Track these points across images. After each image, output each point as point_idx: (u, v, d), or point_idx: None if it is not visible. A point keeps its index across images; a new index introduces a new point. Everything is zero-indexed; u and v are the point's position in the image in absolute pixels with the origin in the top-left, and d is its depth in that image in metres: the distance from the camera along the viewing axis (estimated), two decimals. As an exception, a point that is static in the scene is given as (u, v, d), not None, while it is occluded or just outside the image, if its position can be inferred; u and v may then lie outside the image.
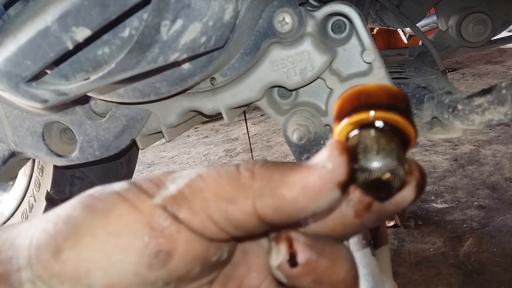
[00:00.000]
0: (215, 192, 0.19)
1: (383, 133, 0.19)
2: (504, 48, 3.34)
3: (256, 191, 0.19)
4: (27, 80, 0.43)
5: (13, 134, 0.67)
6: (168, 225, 0.19)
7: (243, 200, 0.19)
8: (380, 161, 0.19)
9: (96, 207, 0.19)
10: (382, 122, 0.19)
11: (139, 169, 2.29)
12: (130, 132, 0.60)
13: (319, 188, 0.18)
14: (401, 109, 0.19)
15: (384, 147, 0.19)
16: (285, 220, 0.19)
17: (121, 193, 0.20)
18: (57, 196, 0.95)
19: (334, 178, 0.18)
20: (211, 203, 0.19)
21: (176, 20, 0.39)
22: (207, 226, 0.19)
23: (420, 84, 0.56)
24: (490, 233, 1.16)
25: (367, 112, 0.19)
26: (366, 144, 0.19)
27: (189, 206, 0.19)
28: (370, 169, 0.19)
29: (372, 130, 0.19)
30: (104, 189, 0.20)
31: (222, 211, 0.19)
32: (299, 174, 0.19)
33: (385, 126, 0.19)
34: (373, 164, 0.19)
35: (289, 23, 0.48)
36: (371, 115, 0.19)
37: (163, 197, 0.19)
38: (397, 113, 0.19)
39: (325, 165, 0.18)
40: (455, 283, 1.00)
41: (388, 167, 0.19)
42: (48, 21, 0.39)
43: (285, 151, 2.12)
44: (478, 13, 0.93)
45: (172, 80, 0.48)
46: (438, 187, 1.47)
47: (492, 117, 0.44)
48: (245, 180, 0.19)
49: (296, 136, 0.53)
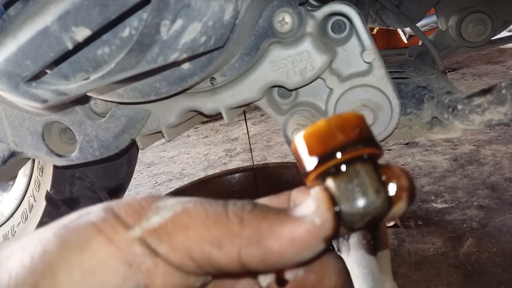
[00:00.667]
0: (200, 233, 0.19)
1: (354, 172, 0.19)
2: (504, 48, 3.34)
3: (243, 240, 0.19)
4: (27, 80, 0.43)
5: (13, 134, 0.67)
6: (145, 259, 0.18)
7: (229, 247, 0.19)
8: (362, 205, 0.19)
9: (71, 241, 0.19)
10: (345, 165, 0.19)
11: (139, 169, 2.29)
12: (130, 132, 0.60)
13: (306, 242, 0.19)
14: (359, 138, 0.19)
15: (361, 188, 0.19)
16: (268, 268, 0.19)
17: (97, 224, 0.19)
18: (57, 196, 0.95)
19: (322, 233, 0.19)
20: (195, 243, 0.19)
21: (176, 20, 0.39)
22: (185, 262, 0.19)
23: (420, 84, 0.56)
24: (490, 233, 1.16)
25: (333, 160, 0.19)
26: (344, 190, 0.19)
27: (170, 241, 0.19)
28: (355, 216, 0.19)
29: (344, 175, 0.19)
30: (80, 218, 0.20)
31: (206, 253, 0.19)
32: (287, 227, 0.19)
33: (351, 165, 0.19)
34: (357, 211, 0.19)
35: (289, 23, 0.48)
36: (338, 161, 0.19)
37: (144, 229, 0.19)
38: (359, 146, 0.19)
39: (313, 220, 0.19)
40: (455, 283, 1.00)
41: (371, 209, 0.19)
42: (48, 21, 0.39)
43: (285, 151, 2.12)
44: (478, 13, 0.93)
45: (172, 80, 0.48)
46: (438, 187, 1.47)
47: (492, 117, 0.44)
48: (233, 226, 0.19)
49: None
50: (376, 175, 0.19)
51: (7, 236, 1.05)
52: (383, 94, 0.51)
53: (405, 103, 0.55)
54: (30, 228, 0.99)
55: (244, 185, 1.24)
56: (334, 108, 0.53)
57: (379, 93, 0.51)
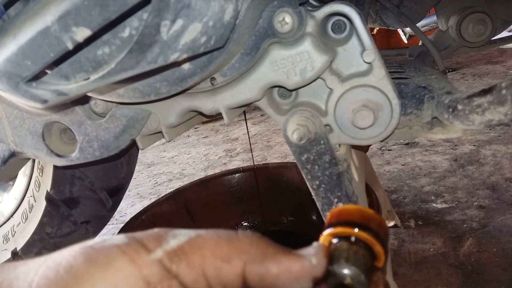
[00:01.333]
0: (213, 251, 0.22)
1: (353, 246, 0.24)
2: (504, 48, 3.34)
3: (250, 256, 0.22)
4: (27, 80, 0.43)
5: (13, 134, 0.67)
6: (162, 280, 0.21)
7: (237, 261, 0.22)
8: (345, 268, 0.23)
9: (97, 259, 0.21)
10: (354, 237, 0.24)
11: (139, 169, 2.29)
12: (130, 132, 0.60)
13: (299, 275, 0.22)
14: (373, 230, 0.25)
15: (350, 258, 0.23)
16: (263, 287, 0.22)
17: (121, 247, 0.21)
18: (57, 196, 0.95)
19: (313, 272, 0.23)
20: (208, 260, 0.22)
21: (176, 20, 0.39)
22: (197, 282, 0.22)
23: (420, 84, 0.56)
24: (490, 233, 1.16)
25: (345, 228, 0.25)
26: (340, 253, 0.24)
27: (187, 260, 0.21)
28: (337, 274, 0.23)
29: (346, 243, 0.24)
30: (105, 241, 0.22)
31: (217, 268, 0.22)
32: (288, 257, 0.23)
33: (356, 241, 0.24)
34: (340, 270, 0.23)
35: (289, 23, 0.48)
36: (347, 231, 0.25)
37: (165, 250, 0.22)
38: (368, 233, 0.24)
39: (311, 260, 0.23)
40: (455, 283, 1.00)
41: (351, 274, 0.23)
42: (48, 21, 0.38)
43: (285, 151, 2.11)
44: (478, 13, 0.93)
45: (172, 80, 0.48)
46: (438, 187, 1.47)
47: (492, 117, 0.44)
48: (243, 245, 0.22)
49: (296, 136, 0.53)
50: (368, 261, 0.24)
51: (7, 236, 1.05)
52: (383, 94, 0.51)
53: (405, 103, 0.55)
54: (30, 228, 0.99)
55: (244, 185, 1.24)
56: (334, 108, 0.53)
57: (379, 93, 0.51)
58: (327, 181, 0.55)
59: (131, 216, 1.08)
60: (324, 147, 0.54)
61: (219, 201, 1.21)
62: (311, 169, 0.55)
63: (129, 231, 1.08)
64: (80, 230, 0.99)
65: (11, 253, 0.99)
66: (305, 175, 0.56)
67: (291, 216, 1.21)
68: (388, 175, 1.63)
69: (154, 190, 1.97)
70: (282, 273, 0.22)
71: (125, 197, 1.30)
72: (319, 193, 0.56)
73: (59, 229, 0.97)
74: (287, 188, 1.20)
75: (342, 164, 0.54)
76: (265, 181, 1.23)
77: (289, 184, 1.20)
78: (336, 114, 0.53)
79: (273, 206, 1.22)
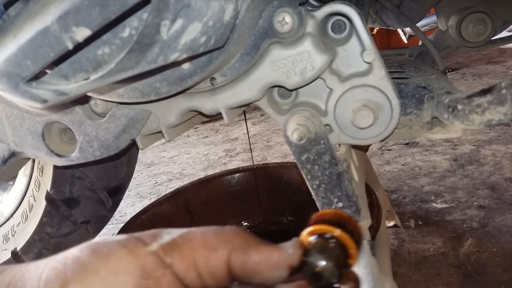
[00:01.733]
0: (202, 242, 0.25)
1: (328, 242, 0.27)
2: (504, 48, 3.34)
3: (234, 245, 0.25)
4: (27, 80, 0.43)
5: (13, 134, 0.67)
6: (156, 268, 0.24)
7: (223, 250, 0.25)
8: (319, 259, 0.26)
9: (100, 251, 0.24)
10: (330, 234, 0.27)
11: (139, 169, 2.29)
12: (130, 132, 0.60)
13: (277, 263, 0.25)
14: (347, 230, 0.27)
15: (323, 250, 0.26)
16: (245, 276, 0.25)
17: (122, 241, 0.25)
18: (57, 196, 0.95)
19: (289, 260, 0.25)
20: (198, 250, 0.25)
21: (176, 20, 0.39)
22: (189, 271, 0.24)
23: (420, 84, 0.56)
24: (490, 233, 1.16)
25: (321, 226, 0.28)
26: (315, 247, 0.27)
27: (180, 251, 0.24)
28: (311, 263, 0.26)
29: (321, 239, 0.27)
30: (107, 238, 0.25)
31: (205, 257, 0.24)
32: (268, 248, 0.26)
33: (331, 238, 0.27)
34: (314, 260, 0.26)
35: (289, 23, 0.48)
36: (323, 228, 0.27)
37: (160, 243, 0.25)
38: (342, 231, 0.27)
39: (287, 250, 0.26)
40: (455, 283, 1.00)
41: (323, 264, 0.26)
42: (48, 21, 0.38)
43: (285, 151, 2.12)
44: (478, 13, 0.93)
45: (172, 80, 0.48)
46: (438, 187, 1.47)
47: (492, 117, 0.44)
48: (228, 236, 0.26)
49: (296, 136, 0.53)
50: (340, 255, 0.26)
51: (7, 236, 1.05)
52: (383, 94, 0.51)
53: (405, 103, 0.55)
54: (30, 228, 0.99)
55: (244, 185, 1.24)
56: (334, 108, 0.53)
57: (379, 93, 0.51)
58: (327, 181, 0.55)
59: (131, 216, 1.08)
60: (324, 147, 0.54)
61: (219, 201, 1.21)
62: (311, 169, 0.55)
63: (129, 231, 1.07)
64: (80, 230, 0.99)
65: (11, 253, 0.99)
66: (305, 175, 0.56)
67: (291, 216, 1.20)
68: (388, 175, 1.63)
69: (154, 190, 1.97)
70: (262, 261, 0.25)
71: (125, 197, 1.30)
72: (319, 193, 0.56)
73: (59, 229, 0.97)
74: (287, 188, 1.20)
75: (342, 164, 0.54)
76: (265, 181, 1.23)
77: (289, 184, 1.20)
78: (336, 114, 0.53)
79: (273, 206, 1.22)
